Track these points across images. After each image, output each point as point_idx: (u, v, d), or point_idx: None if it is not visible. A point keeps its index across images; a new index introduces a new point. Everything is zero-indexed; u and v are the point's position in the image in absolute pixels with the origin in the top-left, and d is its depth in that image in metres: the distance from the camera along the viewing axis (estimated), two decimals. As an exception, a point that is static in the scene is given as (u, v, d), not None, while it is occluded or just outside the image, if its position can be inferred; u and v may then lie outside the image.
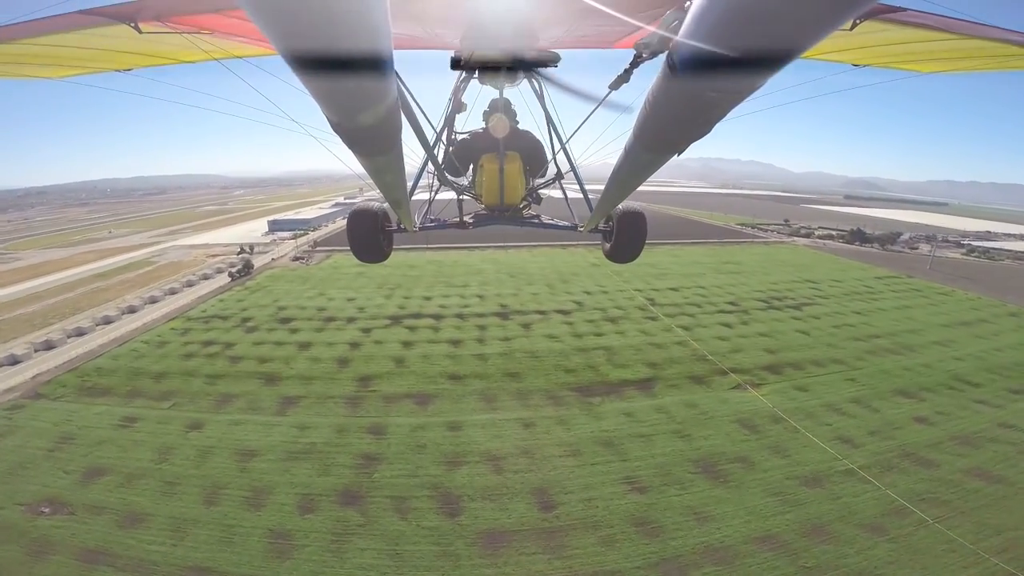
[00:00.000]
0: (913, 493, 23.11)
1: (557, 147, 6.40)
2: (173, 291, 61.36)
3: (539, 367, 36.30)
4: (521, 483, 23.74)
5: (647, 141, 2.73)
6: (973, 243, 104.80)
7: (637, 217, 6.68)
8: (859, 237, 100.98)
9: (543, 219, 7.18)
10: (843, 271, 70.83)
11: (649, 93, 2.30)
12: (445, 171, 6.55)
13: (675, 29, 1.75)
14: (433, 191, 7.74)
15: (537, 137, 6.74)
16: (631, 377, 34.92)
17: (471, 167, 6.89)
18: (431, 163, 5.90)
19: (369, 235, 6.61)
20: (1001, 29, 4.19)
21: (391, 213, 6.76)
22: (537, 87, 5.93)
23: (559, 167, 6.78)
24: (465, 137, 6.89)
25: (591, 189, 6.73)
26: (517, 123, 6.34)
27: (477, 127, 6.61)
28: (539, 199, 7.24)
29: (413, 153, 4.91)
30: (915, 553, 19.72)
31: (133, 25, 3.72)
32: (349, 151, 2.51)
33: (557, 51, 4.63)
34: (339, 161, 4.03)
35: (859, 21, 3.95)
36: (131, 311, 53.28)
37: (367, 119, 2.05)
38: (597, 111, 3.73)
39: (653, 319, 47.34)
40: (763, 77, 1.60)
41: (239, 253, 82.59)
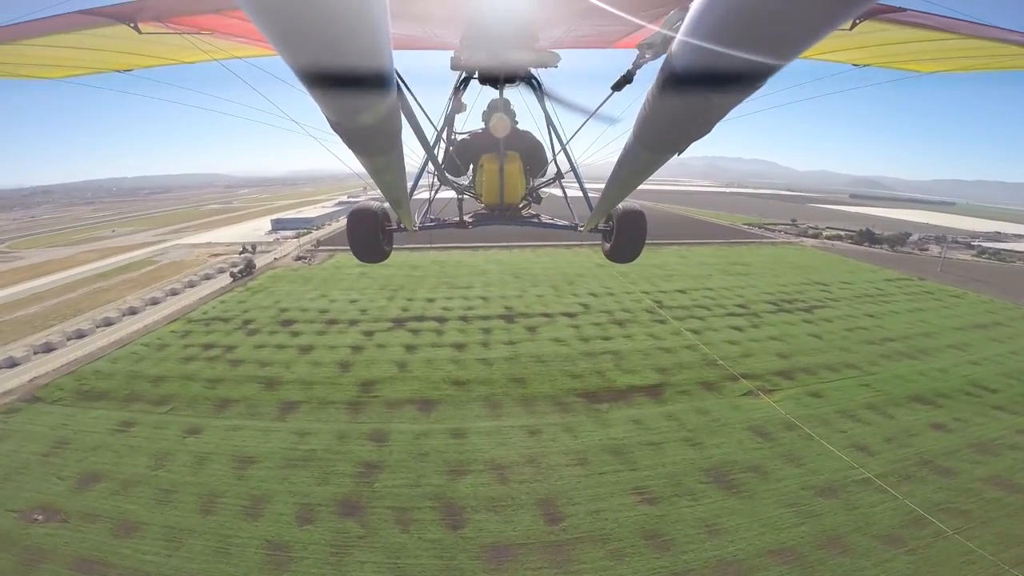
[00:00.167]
0: (931, 503, 22.58)
1: (557, 147, 6.45)
2: (174, 292, 61.24)
3: (545, 372, 35.65)
4: (527, 494, 23.20)
5: (647, 141, 2.70)
6: (984, 244, 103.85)
7: (637, 217, 6.68)
8: (868, 238, 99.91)
9: (543, 219, 7.24)
10: (853, 273, 70.12)
11: (649, 93, 2.29)
12: (445, 171, 6.62)
13: (677, 29, 1.73)
14: (433, 191, 7.81)
15: (537, 137, 6.79)
16: (640, 383, 34.19)
17: (471, 167, 6.96)
18: (431, 163, 5.92)
19: (369, 235, 6.59)
20: (1001, 29, 4.26)
21: (391, 213, 6.78)
22: (537, 87, 5.93)
23: (559, 167, 6.86)
24: (465, 137, 6.95)
25: (592, 188, 6.72)
26: (517, 123, 6.30)
27: (477, 127, 6.64)
28: (539, 199, 7.32)
29: (413, 153, 4.90)
30: (934, 565, 19.32)
31: (133, 25, 3.74)
32: (349, 151, 2.49)
33: (557, 51, 4.75)
34: (340, 161, 4.06)
35: (859, 21, 3.98)
36: (132, 312, 53.22)
37: (367, 119, 2.03)
38: (597, 112, 3.93)
39: (661, 322, 46.69)
40: (763, 77, 1.57)
41: (241, 252, 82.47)
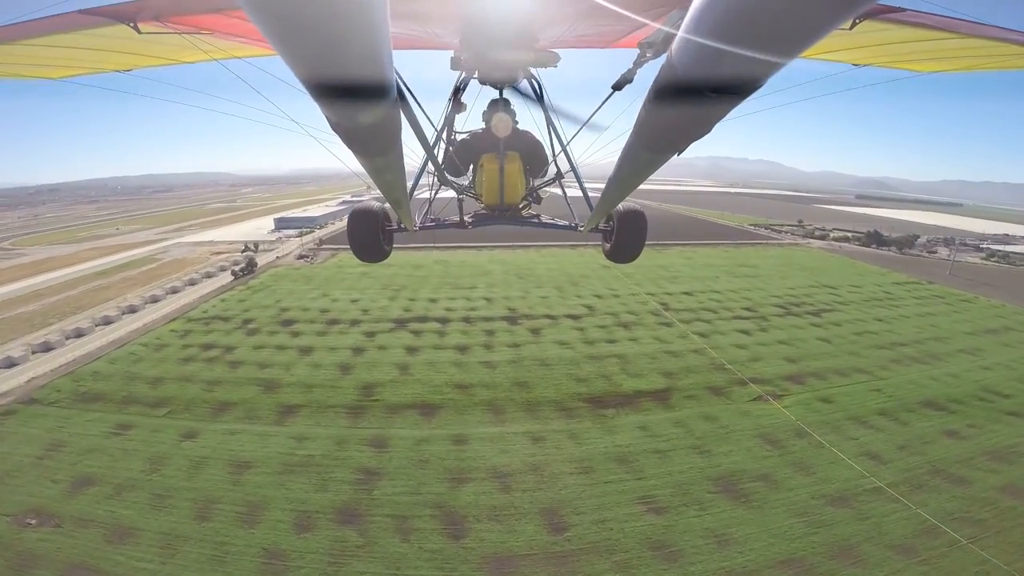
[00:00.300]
0: (945, 512, 22.07)
1: (557, 147, 6.44)
2: (175, 290, 60.82)
3: (549, 376, 34.96)
4: (530, 502, 22.60)
5: (647, 140, 2.69)
6: (992, 247, 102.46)
7: (637, 216, 6.69)
8: (876, 240, 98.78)
9: (543, 218, 7.25)
10: (861, 276, 69.22)
11: (650, 92, 2.27)
12: (445, 171, 6.60)
13: (677, 28, 1.71)
14: (433, 191, 7.80)
15: (537, 137, 6.79)
16: (646, 387, 33.48)
17: (471, 167, 6.95)
18: (431, 163, 5.87)
19: (369, 234, 6.61)
20: (1001, 29, 4.25)
21: (391, 212, 6.81)
22: (537, 87, 5.87)
23: (559, 167, 6.86)
24: (465, 137, 6.91)
25: (592, 188, 6.71)
26: (517, 123, 6.22)
27: (477, 127, 6.62)
28: (539, 199, 7.33)
29: (413, 153, 4.86)
30: (947, 575, 18.94)
31: (133, 25, 3.71)
32: (349, 151, 2.45)
33: (557, 51, 4.83)
34: (340, 161, 4.04)
35: (859, 21, 3.96)
36: (131, 311, 52.79)
37: (367, 119, 2.00)
38: (597, 112, 4.07)
39: (668, 325, 46.00)
40: (763, 77, 1.58)
41: (243, 251, 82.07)
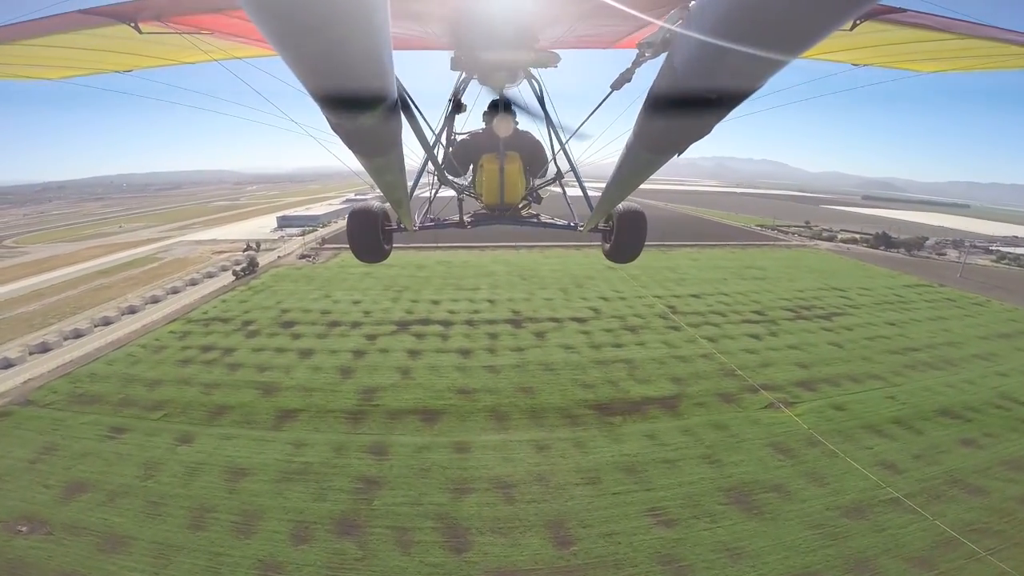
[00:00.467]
0: (963, 523, 21.64)
1: (557, 147, 6.42)
2: (175, 290, 60.42)
3: (554, 382, 34.21)
4: (534, 514, 21.92)
5: (647, 141, 2.66)
6: (1003, 249, 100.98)
7: (637, 216, 6.66)
8: (884, 241, 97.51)
9: (543, 218, 7.22)
10: (870, 278, 68.17)
11: (649, 93, 2.26)
12: (445, 171, 6.58)
13: (677, 28, 1.72)
14: (433, 191, 7.77)
15: (537, 137, 6.79)
16: (654, 394, 32.69)
17: (471, 167, 6.91)
18: (431, 163, 5.87)
19: (369, 234, 6.56)
20: (1001, 29, 4.22)
21: (391, 212, 6.76)
22: (537, 87, 5.84)
23: (559, 167, 6.87)
24: (465, 137, 6.92)
25: (592, 188, 6.72)
26: (517, 123, 6.05)
27: (477, 127, 6.63)
28: (539, 199, 7.33)
29: (413, 153, 4.81)
30: None
31: (133, 25, 3.70)
32: (349, 151, 2.42)
33: (557, 51, 4.84)
34: (340, 161, 4.05)
35: (859, 21, 3.96)
36: (131, 311, 52.46)
37: (367, 120, 1.98)
38: (597, 112, 4.34)
39: (676, 329, 45.16)
40: (763, 77, 1.56)
41: (245, 250, 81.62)
